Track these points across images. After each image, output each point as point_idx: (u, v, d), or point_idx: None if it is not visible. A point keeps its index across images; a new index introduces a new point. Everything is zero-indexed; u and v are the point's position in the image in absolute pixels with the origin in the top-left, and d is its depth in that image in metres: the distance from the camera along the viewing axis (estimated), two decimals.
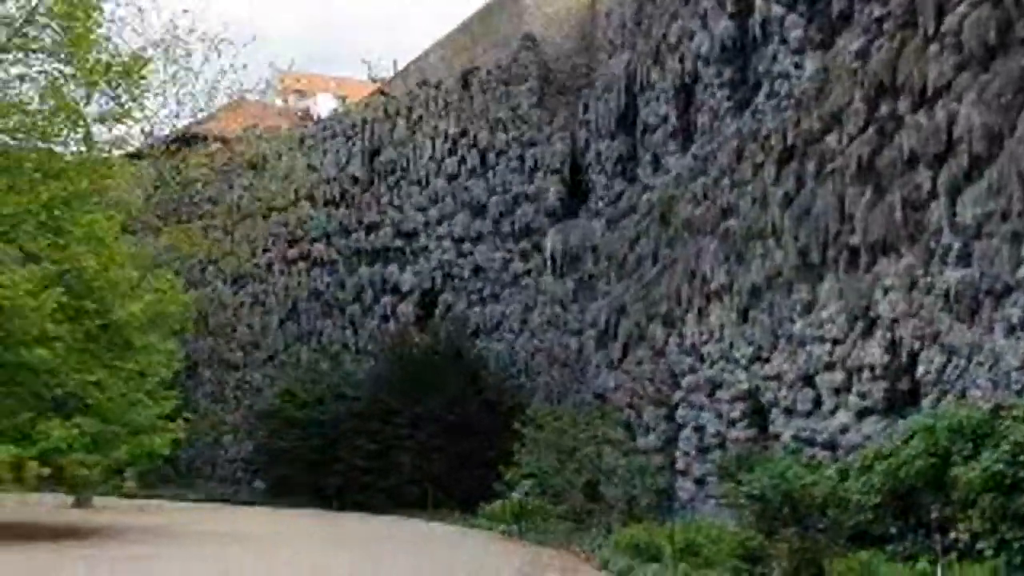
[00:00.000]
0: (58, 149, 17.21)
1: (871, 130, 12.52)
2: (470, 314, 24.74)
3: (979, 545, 8.91)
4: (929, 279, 11.17)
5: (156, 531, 16.84)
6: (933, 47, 11.47)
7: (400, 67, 31.27)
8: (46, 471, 14.51)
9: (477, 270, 24.96)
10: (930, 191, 11.26)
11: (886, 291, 11.90)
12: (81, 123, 17.24)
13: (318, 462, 22.57)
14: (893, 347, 11.80)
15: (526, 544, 15.53)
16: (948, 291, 10.79)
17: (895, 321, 11.73)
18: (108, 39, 17.72)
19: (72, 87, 16.95)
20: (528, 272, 23.77)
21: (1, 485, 14.46)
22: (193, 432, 22.54)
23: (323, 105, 41.36)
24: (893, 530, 10.22)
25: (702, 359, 16.61)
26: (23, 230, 15.38)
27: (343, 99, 43.33)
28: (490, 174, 24.95)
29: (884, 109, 12.34)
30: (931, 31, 11.54)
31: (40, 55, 16.63)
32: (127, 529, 17.14)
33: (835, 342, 12.84)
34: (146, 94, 19.04)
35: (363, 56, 72.82)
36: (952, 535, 9.31)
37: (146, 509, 21.73)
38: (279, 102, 41.80)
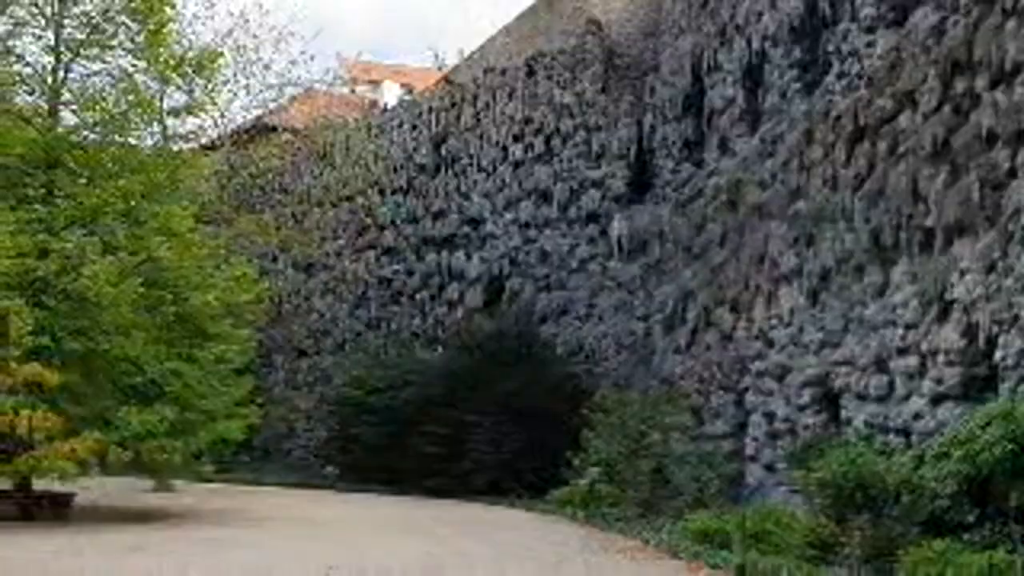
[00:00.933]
0: (134, 143, 17.68)
1: (946, 109, 12.22)
2: (537, 300, 24.80)
3: None
4: (1008, 261, 10.89)
5: (234, 514, 17.25)
6: (1011, 23, 11.15)
7: (466, 54, 31.43)
8: (128, 456, 14.96)
9: (543, 256, 24.98)
10: (1009, 170, 10.96)
11: (962, 274, 11.62)
12: (156, 117, 17.68)
13: (388, 448, 22.86)
14: (970, 331, 11.53)
15: (597, 530, 15.56)
16: None
17: (972, 304, 11.45)
18: (181, 33, 18.13)
19: (147, 81, 17.38)
20: (594, 258, 23.73)
21: (86, 470, 14.99)
22: (267, 418, 23.04)
23: (389, 94, 41.68)
24: (970, 518, 10.03)
25: (771, 344, 16.42)
26: (102, 222, 15.86)
27: (408, 88, 43.62)
28: (556, 160, 24.94)
29: (960, 87, 12.04)
30: (1009, 6, 11.22)
31: (117, 51, 17.07)
32: (206, 512, 17.60)
33: (909, 326, 12.58)
34: (218, 87, 19.47)
35: (428, 44, 73.28)
36: None
37: (223, 493, 22.27)
38: (346, 91, 42.28)
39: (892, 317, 12.92)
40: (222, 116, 24.25)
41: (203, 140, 22.61)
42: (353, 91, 44.75)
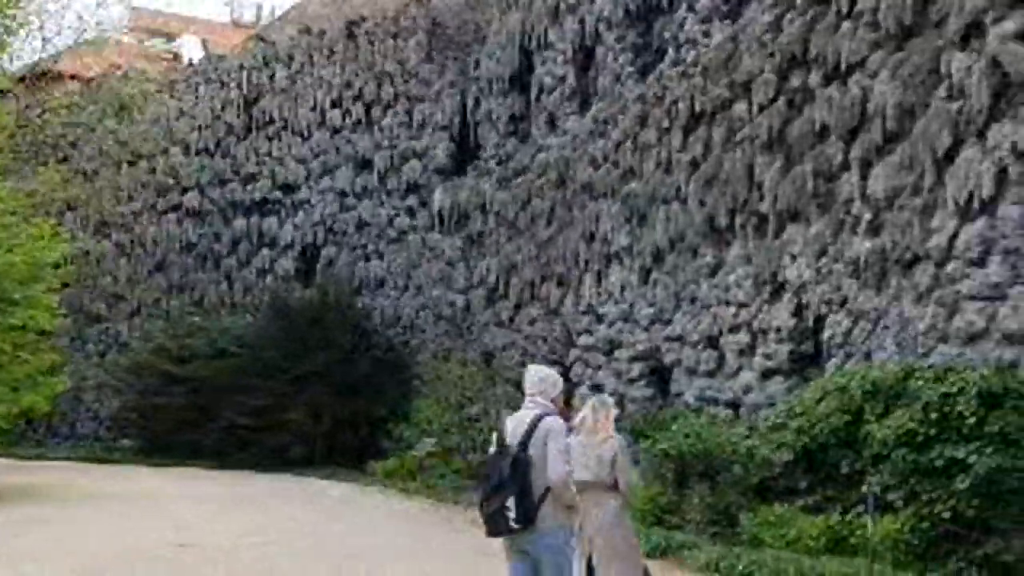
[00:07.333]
0: None
1: (781, 101, 12.95)
2: (354, 270, 24.41)
3: (889, 497, 9.48)
4: (839, 247, 11.73)
5: (40, 492, 15.95)
6: (847, 24, 11.94)
7: (277, 13, 30.32)
8: None
9: (361, 225, 24.61)
10: (842, 163, 11.78)
11: (794, 257, 12.42)
12: None
13: (195, 420, 21.90)
14: (800, 311, 12.36)
15: (437, 502, 15.55)
16: (857, 259, 11.36)
17: (802, 286, 12.28)
18: None
19: None
20: (414, 228, 23.60)
21: None
22: None
23: (188, 48, 39.49)
24: (803, 484, 10.74)
25: (600, 319, 16.93)
26: None
27: (204, 42, 41.56)
28: (376, 128, 24.57)
29: (795, 81, 12.79)
30: (844, 9, 11.99)
31: None
32: (12, 489, 16.16)
33: (741, 305, 13.33)
34: (14, 28, 17.78)
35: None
36: (863, 488, 9.87)
37: (17, 469, 20.54)
38: (135, 42, 39.73)
39: (725, 296, 13.63)
40: (11, 58, 22.14)
41: None
42: (141, 41, 42.16)
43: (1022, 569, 8.65)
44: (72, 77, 29.08)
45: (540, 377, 5.81)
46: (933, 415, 9.30)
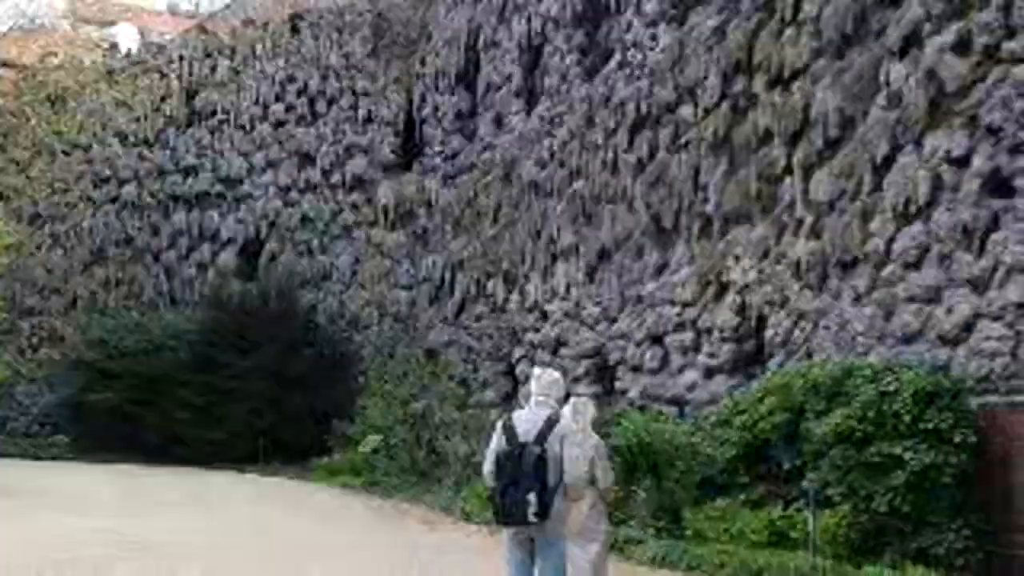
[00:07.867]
0: None
1: (725, 105, 13.24)
2: (297, 265, 24.25)
3: (828, 492, 9.80)
4: (781, 249, 12.05)
5: None
6: (790, 31, 12.26)
7: (218, 3, 29.94)
8: None
9: (305, 220, 24.46)
10: (784, 167, 12.09)
11: (738, 258, 12.71)
12: None
13: (135, 415, 21.60)
14: (743, 311, 12.66)
15: (379, 498, 15.57)
16: (799, 261, 11.68)
17: (746, 287, 12.57)
18: None
19: None
20: (359, 224, 23.53)
21: None
22: None
23: (125, 36, 38.76)
24: (745, 479, 11.03)
25: (546, 317, 17.10)
26: None
27: (141, 31, 40.85)
28: (321, 122, 24.43)
29: (739, 86, 13.08)
30: (788, 16, 12.31)
31: None
32: None
33: (686, 304, 13.60)
34: None
35: None
36: (804, 484, 10.18)
37: None
38: (70, 29, 38.89)
39: (670, 295, 13.89)
40: None
41: None
42: (74, 27, 41.24)
43: (954, 560, 9.02)
44: (5, 65, 28.43)
45: (549, 381, 6.34)
46: (871, 413, 9.63)
